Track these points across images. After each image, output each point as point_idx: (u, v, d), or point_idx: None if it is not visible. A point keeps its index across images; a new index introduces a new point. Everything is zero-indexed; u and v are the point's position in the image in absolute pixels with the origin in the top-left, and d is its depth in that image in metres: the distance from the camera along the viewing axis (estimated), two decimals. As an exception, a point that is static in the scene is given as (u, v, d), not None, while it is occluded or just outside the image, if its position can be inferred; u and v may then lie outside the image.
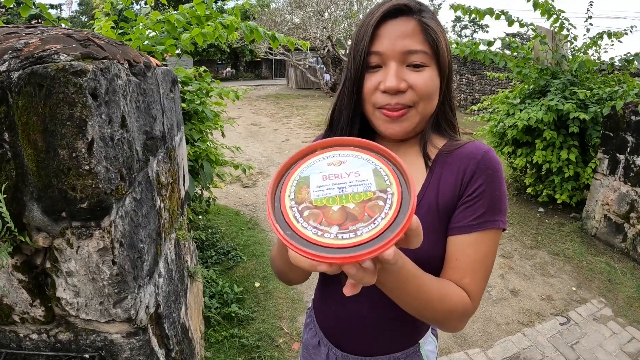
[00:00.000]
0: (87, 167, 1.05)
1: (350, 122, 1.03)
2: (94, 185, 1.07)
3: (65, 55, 0.99)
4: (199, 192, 3.72)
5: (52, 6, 32.54)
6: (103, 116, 1.07)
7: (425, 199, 0.98)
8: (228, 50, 21.15)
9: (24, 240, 1.12)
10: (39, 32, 1.12)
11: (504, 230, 0.96)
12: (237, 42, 14.11)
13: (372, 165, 0.62)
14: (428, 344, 1.20)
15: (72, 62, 0.96)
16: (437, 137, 1.05)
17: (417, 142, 1.06)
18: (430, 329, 1.22)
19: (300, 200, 0.59)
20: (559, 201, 5.33)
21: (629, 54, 5.10)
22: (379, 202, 0.56)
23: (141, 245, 1.42)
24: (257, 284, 3.72)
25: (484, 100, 6.53)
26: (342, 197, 0.58)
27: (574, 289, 3.90)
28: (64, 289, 1.23)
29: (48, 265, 1.20)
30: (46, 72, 0.94)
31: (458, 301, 0.89)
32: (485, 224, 0.92)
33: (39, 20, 2.24)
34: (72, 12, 36.22)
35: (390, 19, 0.92)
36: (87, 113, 1.00)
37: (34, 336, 1.33)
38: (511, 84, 8.19)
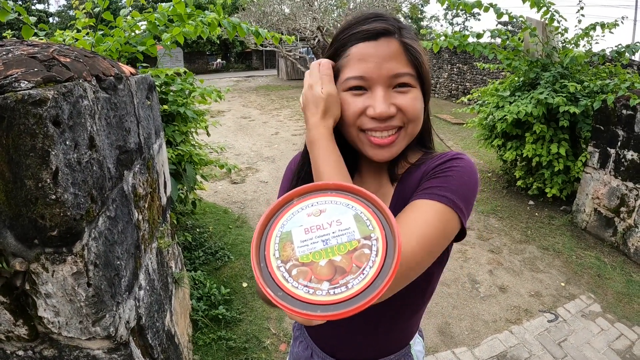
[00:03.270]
0: (53, 197, 1.03)
1: None
2: (62, 214, 1.05)
3: (25, 82, 0.96)
4: (184, 194, 3.70)
5: (39, 0, 32.18)
6: (68, 142, 1.05)
7: (395, 211, 0.96)
8: (218, 42, 21.03)
9: (1, 266, 1.11)
10: (4, 52, 1.09)
11: (458, 214, 0.87)
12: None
13: (353, 210, 0.62)
14: (417, 344, 1.25)
15: (31, 92, 0.93)
16: (411, 153, 1.05)
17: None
18: (418, 330, 1.25)
19: (286, 259, 0.58)
20: (549, 195, 5.33)
21: (620, 46, 5.09)
22: (364, 250, 0.56)
23: (118, 262, 1.41)
24: (244, 284, 3.71)
25: (474, 91, 6.51)
26: (327, 250, 0.57)
27: (563, 284, 3.91)
28: (45, 309, 1.24)
29: (27, 287, 1.20)
30: (5, 104, 0.92)
31: None
32: (430, 195, 0.87)
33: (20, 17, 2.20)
34: (59, 6, 35.78)
35: (370, 40, 0.89)
36: (49, 143, 0.97)
37: (21, 353, 1.34)
38: (502, 74, 8.18)
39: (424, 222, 0.84)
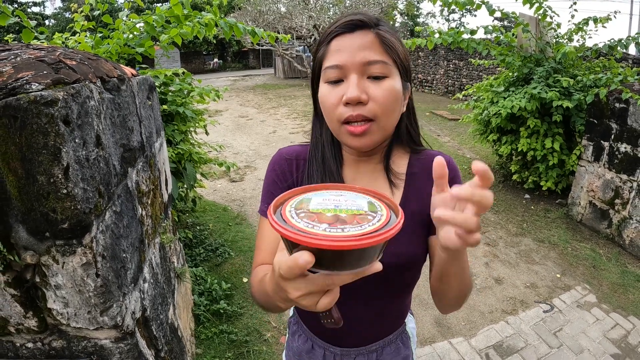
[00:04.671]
0: (64, 191, 1.09)
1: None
2: (72, 207, 1.11)
3: (36, 84, 1.02)
4: (184, 191, 3.76)
5: (35, 3, 32.11)
6: (77, 140, 1.11)
7: (407, 208, 1.03)
8: (214, 42, 21.09)
9: (12, 259, 1.17)
10: (12, 56, 1.15)
11: None
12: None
13: (368, 199, 0.68)
14: (410, 321, 1.32)
15: (43, 93, 1.00)
16: (401, 148, 1.12)
17: (383, 156, 1.11)
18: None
19: (299, 208, 0.63)
20: (544, 188, 5.38)
21: (612, 40, 5.14)
22: (368, 216, 0.61)
23: (124, 255, 1.46)
24: (244, 280, 3.77)
25: (468, 87, 6.55)
26: (336, 209, 0.63)
27: (558, 276, 3.97)
28: (54, 301, 1.28)
29: (37, 279, 1.24)
30: (19, 105, 0.98)
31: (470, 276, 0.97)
32: None
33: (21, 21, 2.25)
34: (55, 8, 35.73)
35: (347, 33, 0.94)
36: (60, 140, 1.04)
37: (30, 345, 1.39)
38: (498, 69, 8.23)
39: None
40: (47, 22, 32.50)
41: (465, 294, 0.96)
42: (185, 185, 3.41)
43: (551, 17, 5.16)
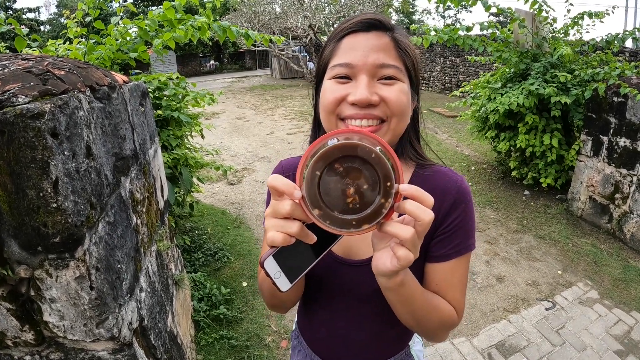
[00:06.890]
0: (54, 205, 1.07)
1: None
2: (63, 221, 1.09)
3: (23, 96, 1.00)
4: (181, 197, 3.74)
5: (30, 9, 32.14)
6: (66, 152, 1.09)
7: None
8: (210, 44, 21.09)
9: (6, 273, 1.15)
10: (0, 68, 1.13)
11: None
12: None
13: None
14: (416, 344, 1.27)
15: (29, 106, 0.97)
16: (403, 161, 1.05)
17: None
18: None
19: None
20: (544, 184, 5.37)
21: (609, 35, 5.13)
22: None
23: (119, 266, 1.44)
24: (244, 284, 3.75)
25: (465, 85, 6.54)
26: None
27: (559, 272, 3.95)
28: (50, 314, 1.27)
29: (32, 293, 1.23)
30: (5, 119, 0.96)
31: (447, 312, 0.95)
32: (461, 250, 0.99)
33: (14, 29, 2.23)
34: (50, 14, 35.73)
35: (362, 31, 0.90)
36: (48, 154, 1.02)
37: (28, 358, 1.37)
38: (495, 65, 8.23)
39: (462, 277, 1.02)
40: (42, 27, 32.50)
41: (423, 324, 0.93)
42: (182, 191, 3.39)
43: (547, 12, 5.15)
